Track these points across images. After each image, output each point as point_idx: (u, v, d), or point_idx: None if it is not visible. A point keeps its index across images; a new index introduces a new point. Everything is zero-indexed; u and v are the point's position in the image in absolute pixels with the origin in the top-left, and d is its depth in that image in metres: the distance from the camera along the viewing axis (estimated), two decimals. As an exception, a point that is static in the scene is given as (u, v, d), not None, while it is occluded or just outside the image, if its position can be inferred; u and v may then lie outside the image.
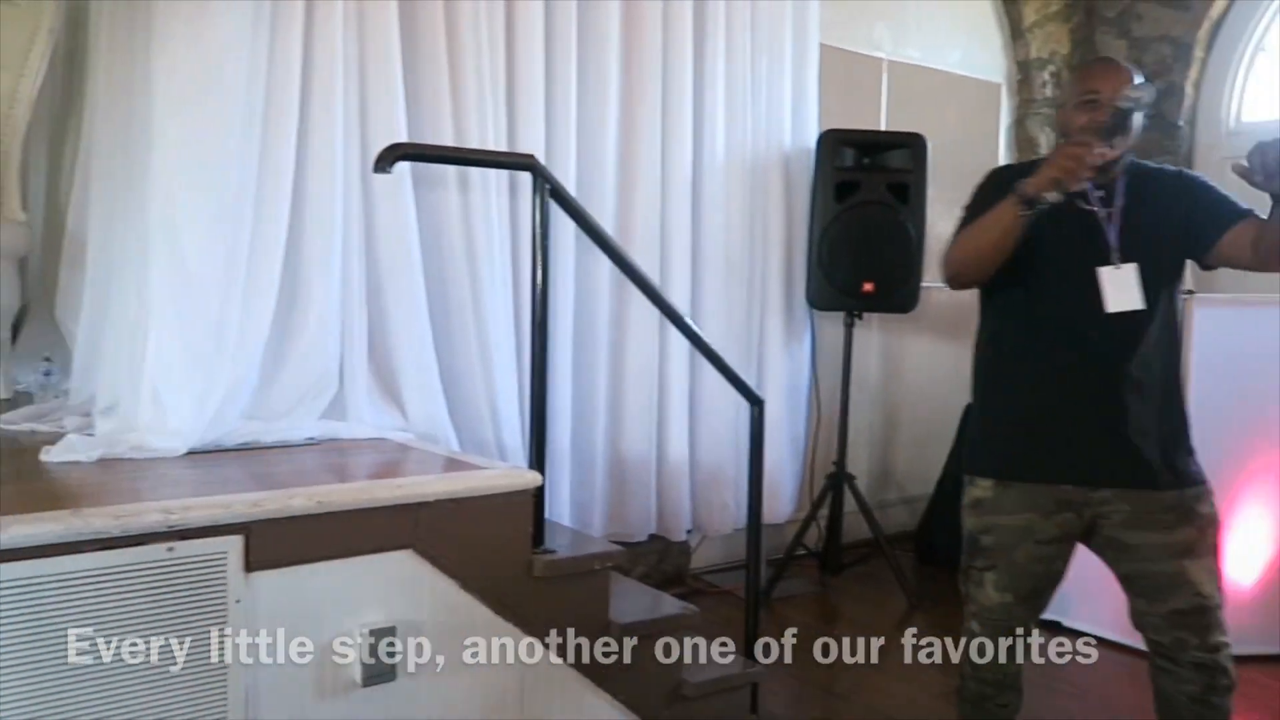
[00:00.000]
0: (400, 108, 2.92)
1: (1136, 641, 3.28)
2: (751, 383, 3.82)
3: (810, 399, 4.22)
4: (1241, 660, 3.22)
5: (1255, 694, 3.12)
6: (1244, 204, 2.06)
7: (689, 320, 3.14)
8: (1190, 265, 2.17)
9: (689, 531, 3.91)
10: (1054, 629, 3.58)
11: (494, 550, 2.28)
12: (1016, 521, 2.10)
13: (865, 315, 4.21)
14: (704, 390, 3.77)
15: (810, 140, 4.01)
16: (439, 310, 3.09)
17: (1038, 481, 2.09)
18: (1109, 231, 2.06)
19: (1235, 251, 2.03)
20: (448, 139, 3.03)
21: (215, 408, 2.60)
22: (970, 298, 2.27)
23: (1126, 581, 2.11)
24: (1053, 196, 1.92)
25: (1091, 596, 3.50)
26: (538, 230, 2.31)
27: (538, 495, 2.34)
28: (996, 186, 2.10)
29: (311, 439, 2.79)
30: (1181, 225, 2.07)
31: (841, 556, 4.27)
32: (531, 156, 2.44)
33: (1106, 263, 2.03)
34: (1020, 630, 2.17)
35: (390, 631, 2.10)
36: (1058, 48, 5.27)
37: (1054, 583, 2.18)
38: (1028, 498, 2.10)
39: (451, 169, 3.07)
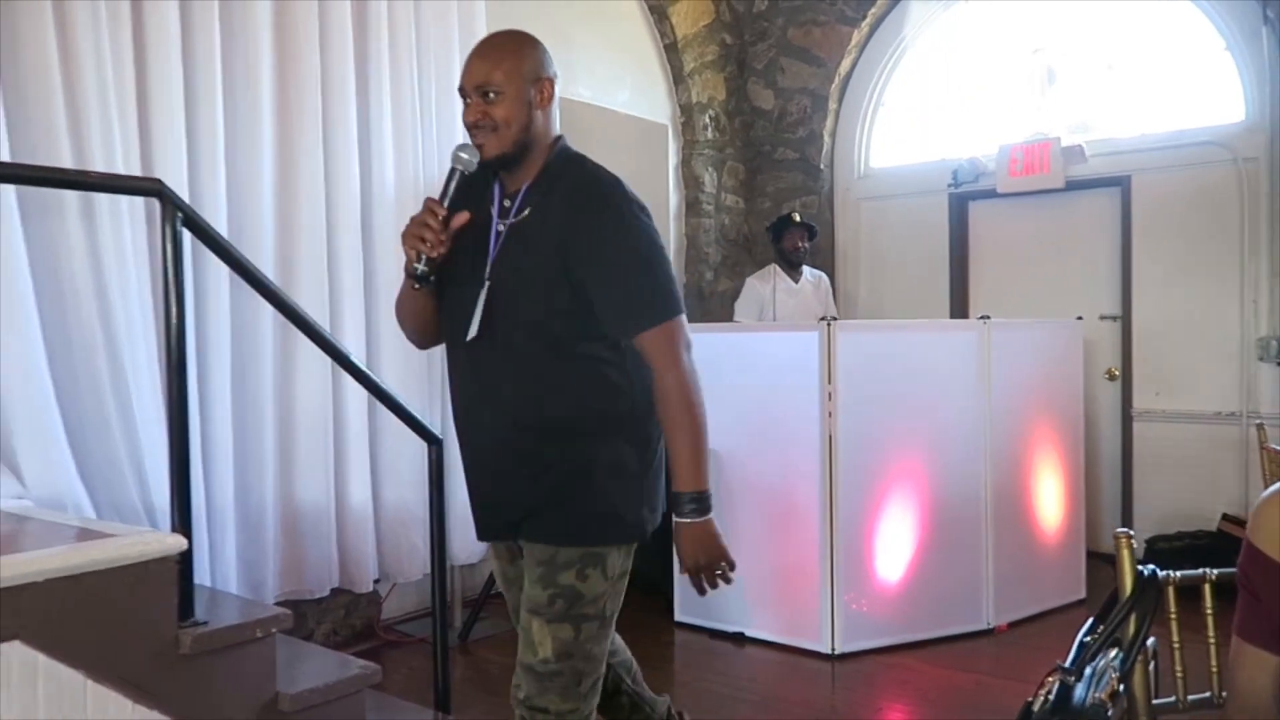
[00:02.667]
0: (-1, 124, 2.51)
1: (815, 644, 3.62)
2: (435, 420, 3.71)
3: (498, 434, 4.15)
4: (895, 649, 3.65)
5: (904, 677, 3.47)
6: (650, 308, 1.77)
7: (360, 360, 2.96)
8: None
9: (377, 581, 3.69)
10: (738, 640, 3.79)
11: (131, 629, 1.97)
12: (495, 566, 2.06)
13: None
14: (384, 431, 3.58)
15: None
16: (61, 354, 2.68)
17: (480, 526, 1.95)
18: (492, 246, 1.81)
19: None
20: (66, 164, 2.65)
21: None
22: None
23: None
24: (421, 267, 1.75)
25: (770, 605, 3.76)
26: (168, 262, 2.06)
27: (183, 561, 2.06)
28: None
29: (-110, 517, 2.30)
30: (553, 258, 1.75)
31: (536, 591, 4.22)
32: (158, 180, 2.17)
33: (482, 283, 1.78)
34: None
35: (-9, 743, 1.75)
36: (715, 94, 5.69)
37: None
38: (493, 547, 2.02)
39: (73, 196, 2.69)
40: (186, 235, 2.23)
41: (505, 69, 1.80)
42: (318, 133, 3.37)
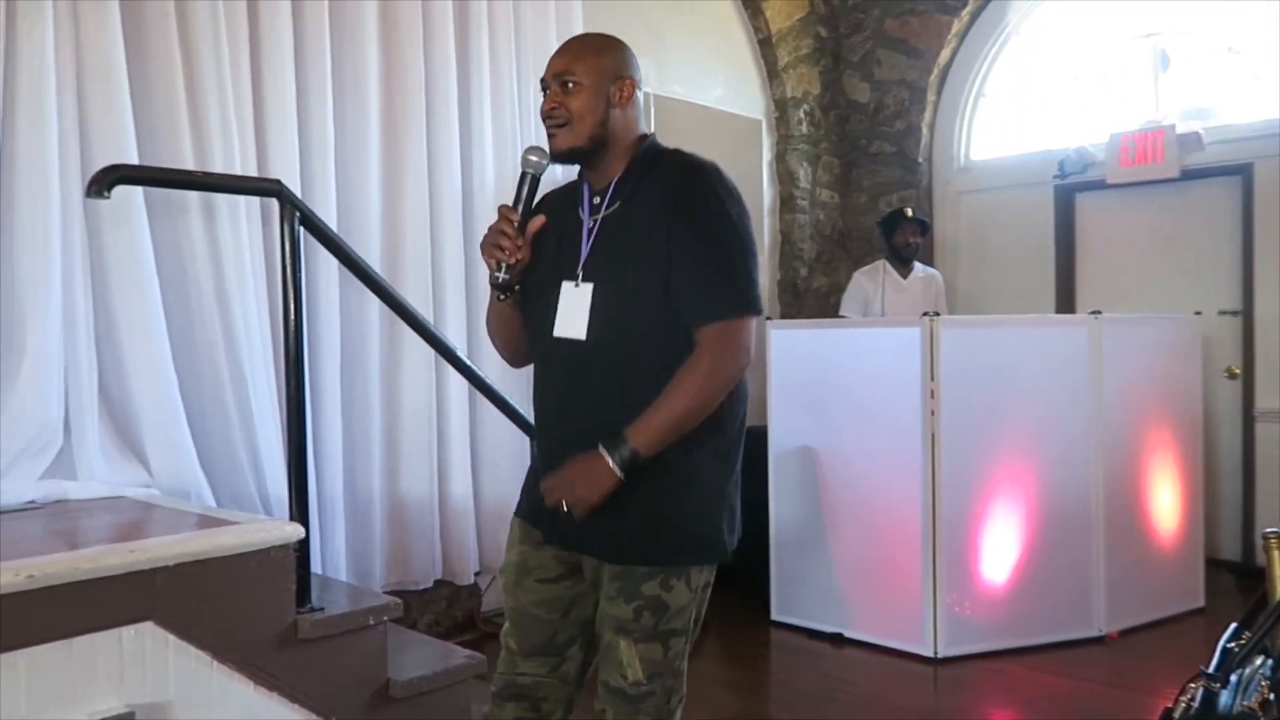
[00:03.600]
0: (128, 128, 2.63)
1: (916, 647, 3.54)
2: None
3: (594, 430, 4.18)
4: (1000, 654, 3.55)
5: (1012, 684, 3.36)
6: (725, 301, 1.69)
7: (463, 353, 3.01)
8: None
9: (478, 573, 3.75)
10: (837, 640, 3.73)
11: (252, 614, 2.05)
12: (513, 556, 1.85)
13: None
14: (486, 424, 3.63)
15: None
16: (184, 350, 2.80)
17: (531, 522, 1.83)
18: (584, 243, 1.77)
19: None
20: (188, 164, 2.76)
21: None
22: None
23: None
24: (503, 276, 1.74)
25: (870, 605, 3.69)
26: (287, 260, 2.12)
27: (301, 549, 2.13)
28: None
29: (32, 503, 2.44)
30: (648, 252, 1.69)
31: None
32: (277, 181, 2.25)
33: (572, 279, 1.74)
34: (534, 697, 1.82)
35: (126, 719, 1.83)
36: (810, 88, 5.61)
37: (577, 638, 1.82)
38: (522, 529, 1.86)
39: (195, 196, 2.80)
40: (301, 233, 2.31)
41: (586, 62, 1.76)
42: (421, 132, 3.44)
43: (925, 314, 3.65)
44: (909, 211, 4.93)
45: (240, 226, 2.91)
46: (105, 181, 2.03)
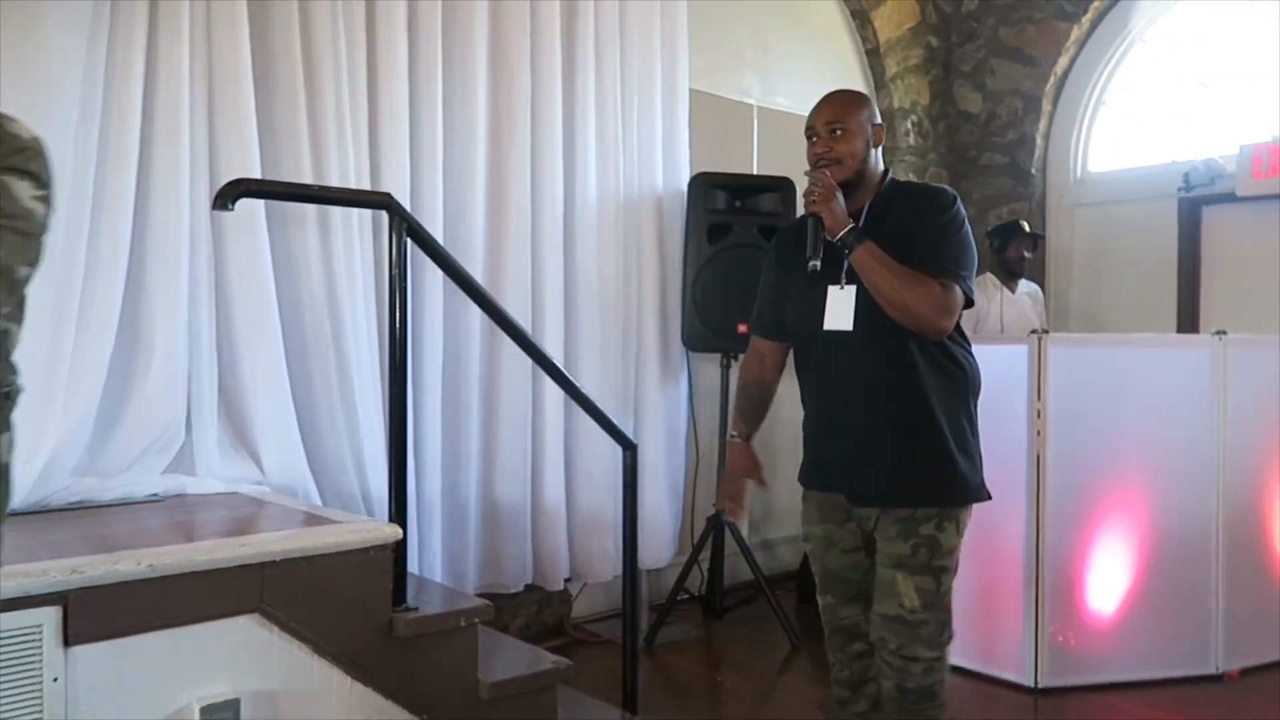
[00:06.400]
0: (253, 141, 2.78)
1: (1016, 676, 3.42)
2: (629, 426, 3.79)
3: (689, 441, 4.19)
4: (1106, 688, 3.39)
5: (1115, 719, 3.21)
6: (953, 263, 2.12)
7: (560, 364, 3.06)
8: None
9: (568, 580, 3.80)
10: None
11: (351, 610, 2.14)
12: (817, 531, 2.31)
13: (741, 356, 4.23)
14: (579, 435, 3.69)
15: (682, 183, 4.03)
16: (297, 356, 2.93)
17: (821, 490, 2.30)
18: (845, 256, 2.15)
19: None
20: (306, 177, 2.90)
21: (43, 462, 2.39)
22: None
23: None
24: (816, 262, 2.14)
25: (967, 630, 3.57)
26: (394, 270, 2.21)
27: (398, 550, 2.21)
28: (774, 248, 2.44)
29: (155, 495, 2.60)
30: (901, 249, 2.09)
31: (724, 600, 4.23)
32: (388, 195, 2.35)
33: (837, 282, 2.16)
34: (861, 633, 2.28)
35: (233, 705, 1.94)
36: (918, 98, 5.50)
37: (871, 583, 2.26)
38: (821, 508, 2.30)
39: (310, 208, 2.94)
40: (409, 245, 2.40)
41: (853, 112, 2.19)
42: (526, 148, 3.52)
43: (1033, 331, 3.53)
44: (1025, 226, 4.78)
45: (352, 238, 3.03)
46: (230, 195, 2.15)
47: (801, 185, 2.19)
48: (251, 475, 2.79)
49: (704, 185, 3.96)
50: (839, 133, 2.16)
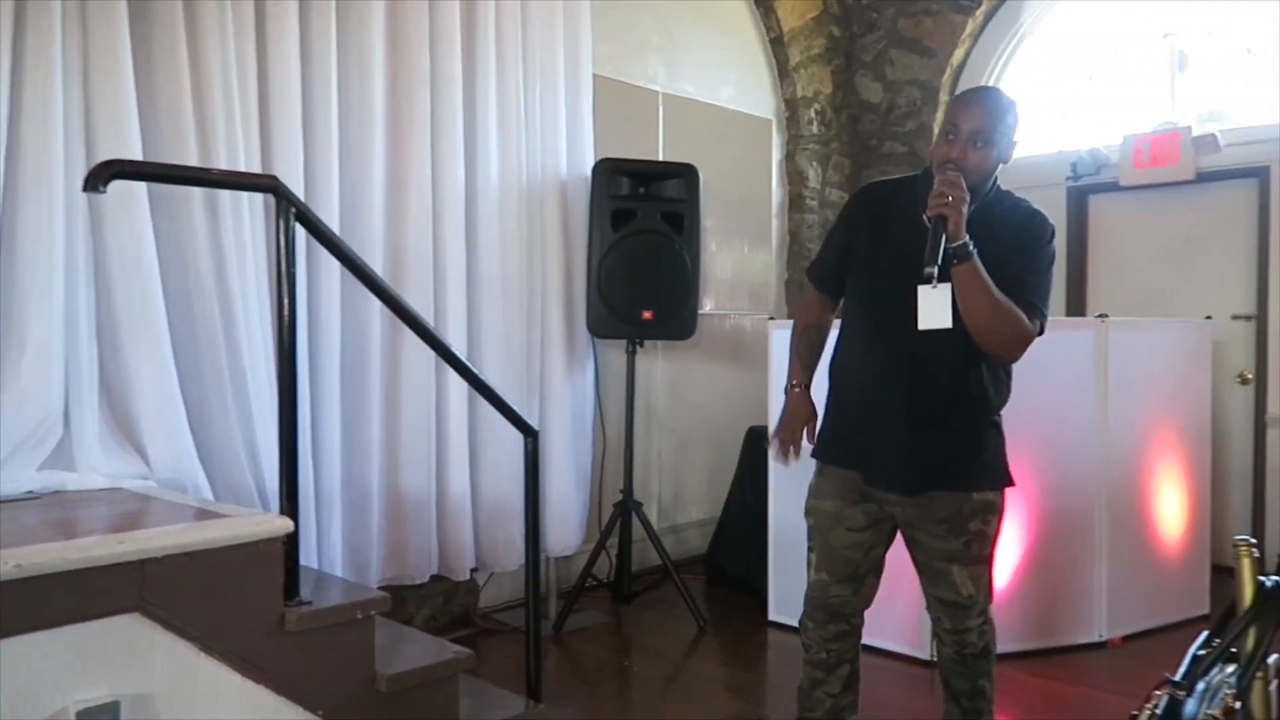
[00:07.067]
0: (132, 121, 2.67)
1: (915, 651, 3.52)
2: (534, 414, 3.77)
3: (596, 427, 4.19)
4: (999, 659, 3.47)
5: (1008, 689, 3.33)
6: (1040, 298, 2.15)
7: (463, 352, 3.03)
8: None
9: (474, 569, 3.77)
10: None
11: (240, 606, 2.07)
12: (828, 506, 2.34)
13: (647, 342, 4.25)
14: (485, 423, 3.65)
15: (586, 169, 4.02)
16: (185, 345, 2.83)
17: (843, 467, 2.32)
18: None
19: None
20: (192, 160, 2.79)
21: (-98, 461, 2.26)
22: (744, 325, 2.33)
23: (916, 565, 2.38)
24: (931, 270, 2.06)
25: (871, 609, 3.66)
26: (282, 256, 2.15)
27: (290, 542, 2.15)
28: (860, 204, 2.38)
29: (31, 493, 2.47)
30: (992, 267, 2.07)
31: (632, 585, 4.26)
32: (274, 177, 2.27)
33: (927, 280, 2.07)
34: (845, 614, 2.37)
35: (112, 708, 1.86)
36: (821, 88, 5.59)
37: (873, 568, 2.37)
38: (838, 484, 2.34)
39: (198, 191, 2.83)
40: (301, 231, 2.33)
41: (1001, 127, 2.15)
42: (426, 132, 3.45)
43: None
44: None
45: (243, 224, 2.94)
46: (102, 176, 2.05)
47: (705, 171, 2.16)
48: (137, 470, 2.69)
49: (608, 171, 3.95)
50: (980, 145, 2.11)
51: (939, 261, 2.00)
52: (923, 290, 2.06)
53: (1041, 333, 2.16)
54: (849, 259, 2.32)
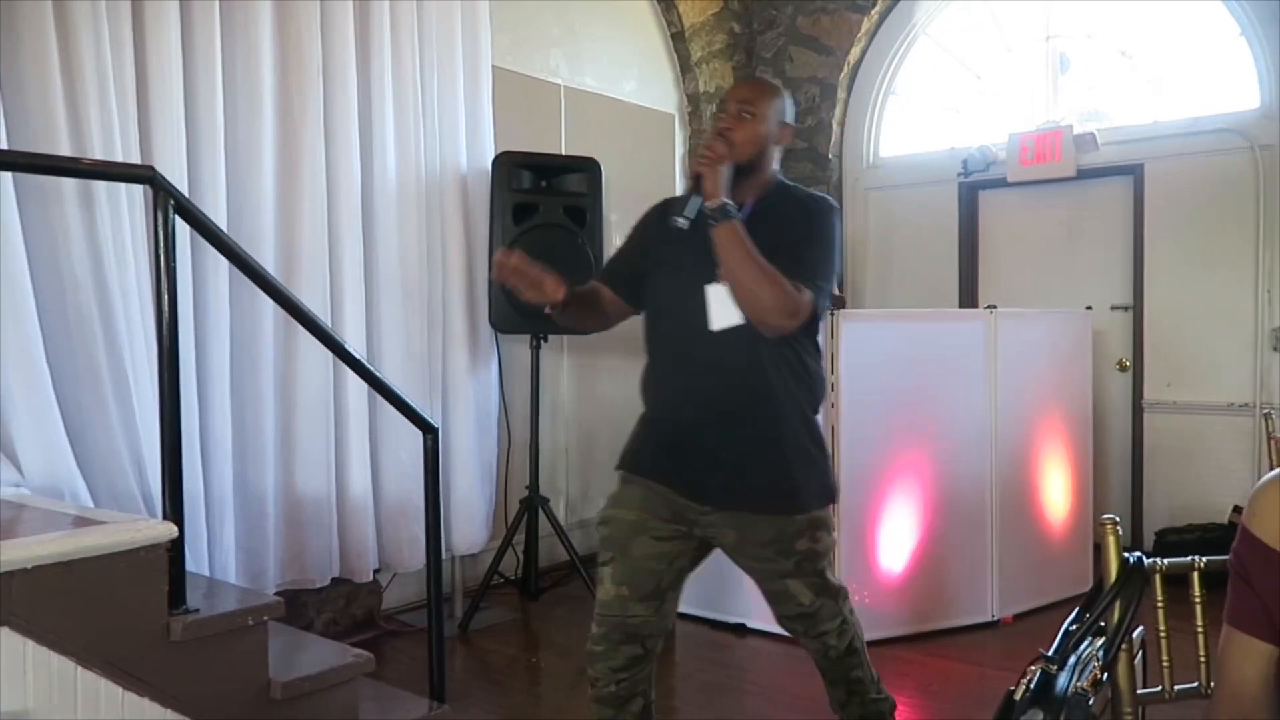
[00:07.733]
0: (-6, 113, 2.52)
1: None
2: (436, 411, 3.71)
3: (500, 424, 4.16)
4: (897, 641, 3.63)
5: (905, 670, 3.44)
6: (809, 268, 2.05)
7: (361, 349, 2.96)
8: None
9: (377, 571, 3.69)
10: (740, 631, 3.77)
11: (121, 617, 1.98)
12: (628, 515, 2.14)
13: (552, 337, 4.23)
14: (385, 421, 3.58)
15: (486, 162, 3.97)
16: (60, 344, 2.69)
17: (652, 479, 2.15)
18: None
19: None
20: (64, 150, 2.65)
21: None
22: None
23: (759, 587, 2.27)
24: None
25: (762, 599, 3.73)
26: (160, 250, 2.06)
27: (174, 549, 2.07)
28: (641, 223, 2.31)
29: (-111, 505, 2.32)
30: (770, 248, 2.02)
31: (540, 581, 4.24)
32: (150, 168, 2.17)
33: (715, 280, 2.06)
34: (642, 636, 2.12)
35: (-20, 729, 1.76)
36: (723, 83, 5.65)
37: (675, 582, 2.17)
38: (645, 495, 2.14)
39: (71, 185, 2.69)
40: (184, 226, 2.24)
41: (766, 101, 2.15)
42: (319, 124, 3.36)
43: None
44: None
45: (122, 218, 2.81)
46: (-40, 168, 1.94)
47: (607, 165, 2.14)
48: (9, 477, 2.54)
49: (509, 164, 3.91)
50: (746, 116, 2.11)
51: (692, 217, 1.99)
52: (710, 289, 2.06)
53: (822, 308, 2.09)
54: (636, 276, 2.23)
